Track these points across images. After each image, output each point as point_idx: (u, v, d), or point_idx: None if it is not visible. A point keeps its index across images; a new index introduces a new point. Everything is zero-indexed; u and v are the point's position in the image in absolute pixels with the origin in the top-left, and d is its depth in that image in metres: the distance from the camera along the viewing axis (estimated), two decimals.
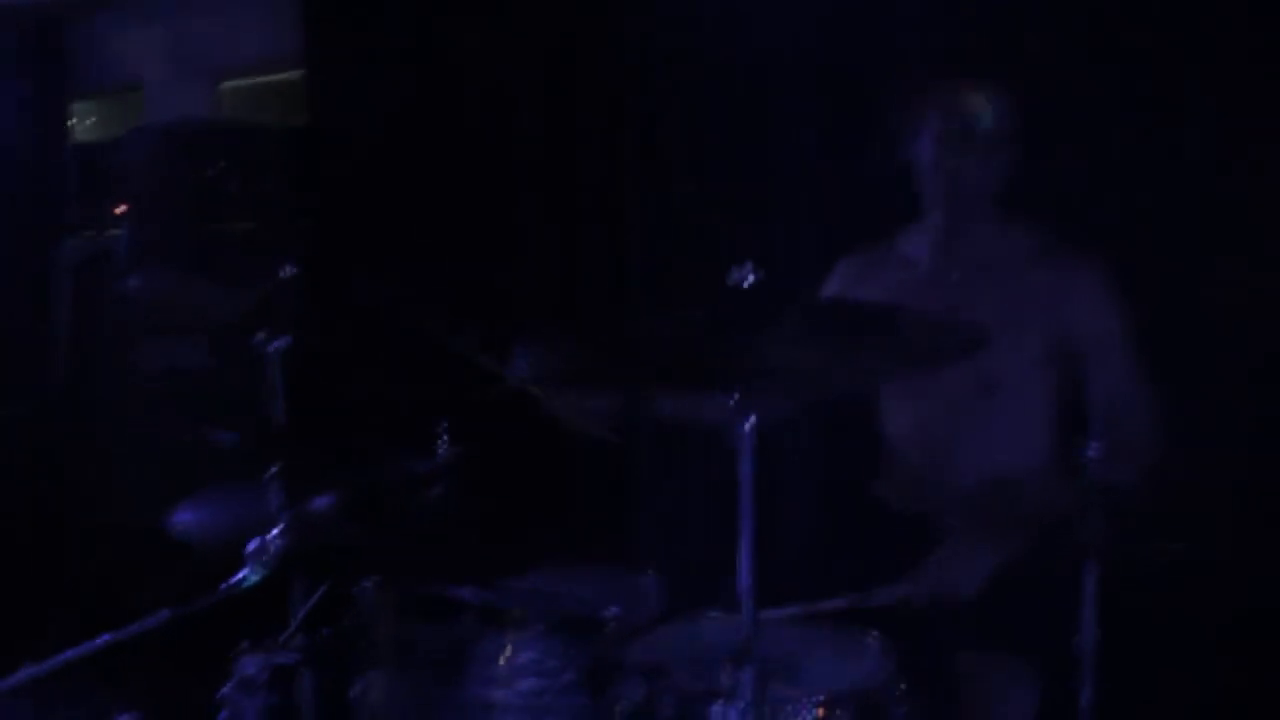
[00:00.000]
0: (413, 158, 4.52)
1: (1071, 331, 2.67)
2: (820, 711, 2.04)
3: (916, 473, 2.84)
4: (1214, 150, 3.03)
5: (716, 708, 1.96)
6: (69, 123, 6.06)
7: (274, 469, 2.59)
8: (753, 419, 1.82)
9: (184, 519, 2.65)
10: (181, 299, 4.57)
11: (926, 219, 2.84)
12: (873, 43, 3.44)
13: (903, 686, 2.14)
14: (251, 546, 2.34)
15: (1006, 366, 2.66)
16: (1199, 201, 3.04)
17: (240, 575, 2.29)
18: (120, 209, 4.92)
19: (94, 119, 6.50)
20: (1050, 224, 2.79)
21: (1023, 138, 2.73)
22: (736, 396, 1.83)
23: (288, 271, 2.93)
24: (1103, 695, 2.14)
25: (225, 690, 2.30)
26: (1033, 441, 2.72)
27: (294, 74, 5.13)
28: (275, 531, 2.36)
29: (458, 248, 4.39)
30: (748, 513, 1.88)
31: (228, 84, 5.81)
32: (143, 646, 2.23)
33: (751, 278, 1.86)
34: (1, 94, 5.65)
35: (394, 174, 4.54)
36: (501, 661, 2.02)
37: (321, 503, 2.61)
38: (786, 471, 3.46)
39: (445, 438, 2.70)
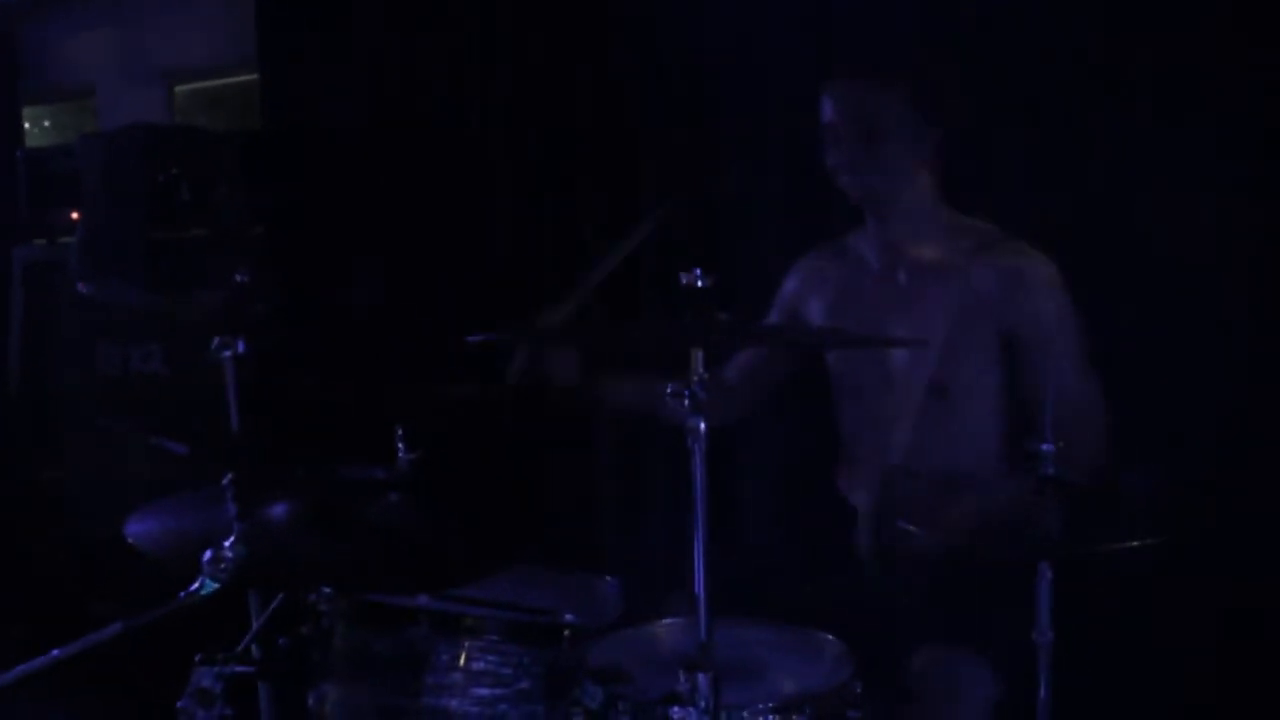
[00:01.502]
0: (367, 159, 4.50)
1: (1019, 325, 2.64)
2: (777, 715, 2.04)
3: (871, 471, 2.84)
4: (1163, 143, 3.03)
5: (675, 712, 1.97)
6: (21, 128, 6.01)
7: (229, 477, 2.56)
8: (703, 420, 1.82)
9: (137, 528, 2.62)
10: (133, 304, 4.56)
11: (867, 222, 2.84)
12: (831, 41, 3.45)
13: (859, 688, 2.15)
14: (206, 556, 2.32)
15: (957, 365, 2.68)
16: (1145, 194, 3.05)
17: (195, 585, 2.27)
18: (73, 215, 4.88)
19: (46, 124, 6.45)
20: (996, 220, 2.77)
21: (939, 129, 2.68)
22: (689, 393, 1.83)
23: (242, 277, 2.91)
24: (1059, 691, 2.14)
25: (181, 702, 2.28)
26: (985, 440, 2.73)
27: (248, 76, 5.12)
28: (230, 540, 2.34)
29: (414, 249, 4.38)
30: (701, 514, 1.88)
31: (181, 87, 5.78)
32: (96, 659, 2.21)
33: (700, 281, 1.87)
34: None
35: (349, 176, 4.53)
36: (457, 669, 2.01)
37: (277, 511, 2.59)
38: (745, 468, 3.48)
39: (403, 444, 2.68)
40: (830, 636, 2.27)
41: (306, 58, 4.72)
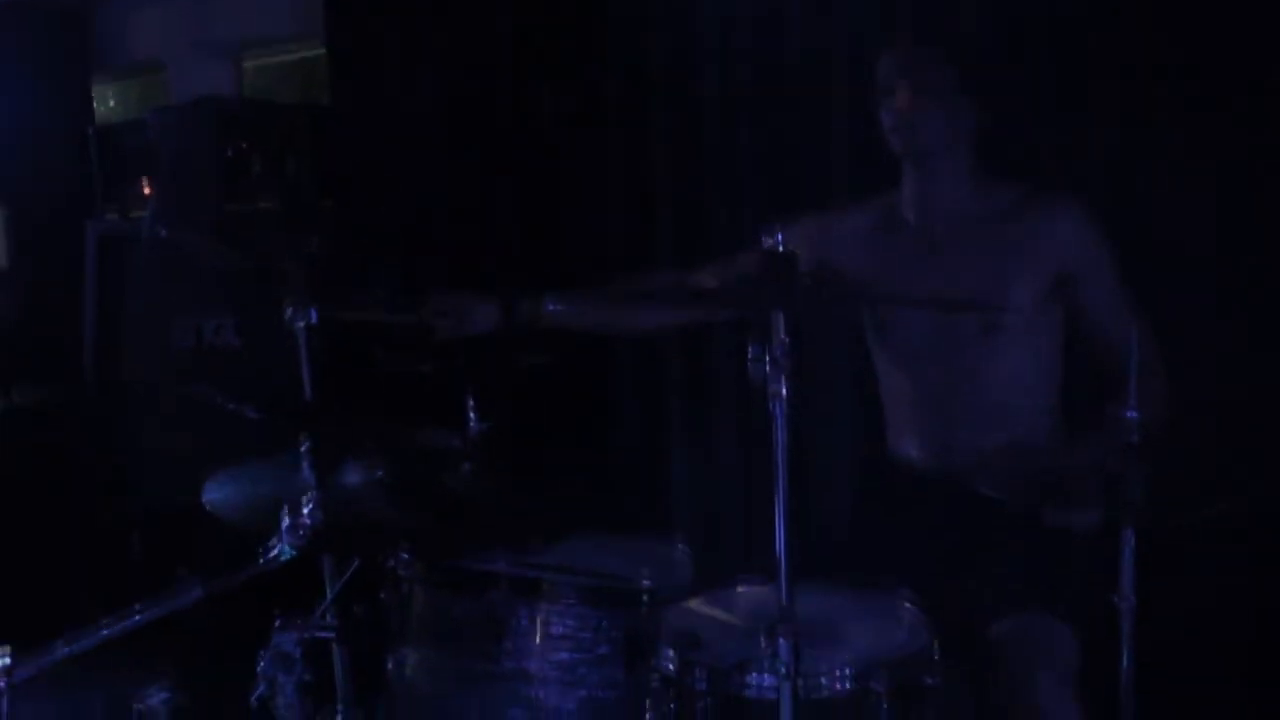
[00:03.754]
0: (435, 135, 4.51)
1: (1063, 264, 2.71)
2: (854, 679, 2.03)
3: (926, 428, 2.85)
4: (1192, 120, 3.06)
5: (752, 678, 1.96)
6: (92, 104, 6.07)
7: (305, 445, 2.59)
8: (785, 381, 1.81)
9: (216, 495, 2.65)
10: (207, 259, 4.60)
11: (904, 177, 2.87)
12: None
13: (937, 655, 2.13)
14: (284, 523, 2.35)
15: (1007, 306, 2.71)
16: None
17: (274, 551, 2.30)
18: (145, 189, 4.92)
19: (116, 101, 6.51)
20: (1029, 180, 2.84)
21: (981, 94, 2.77)
22: (772, 355, 1.82)
23: (313, 246, 2.93)
24: (1143, 657, 2.12)
25: (260, 666, 2.30)
26: (1041, 387, 2.77)
27: (316, 50, 5.13)
28: (308, 507, 2.37)
29: (483, 227, 4.40)
30: (782, 478, 1.87)
31: (250, 62, 5.81)
32: (177, 623, 2.24)
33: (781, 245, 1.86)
34: (25, 76, 5.65)
35: (418, 151, 4.54)
36: (536, 634, 2.01)
37: (353, 478, 2.61)
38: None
39: (475, 412, 2.69)
40: (908, 604, 2.26)
41: (373, 31, 4.72)
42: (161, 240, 4.63)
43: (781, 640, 1.89)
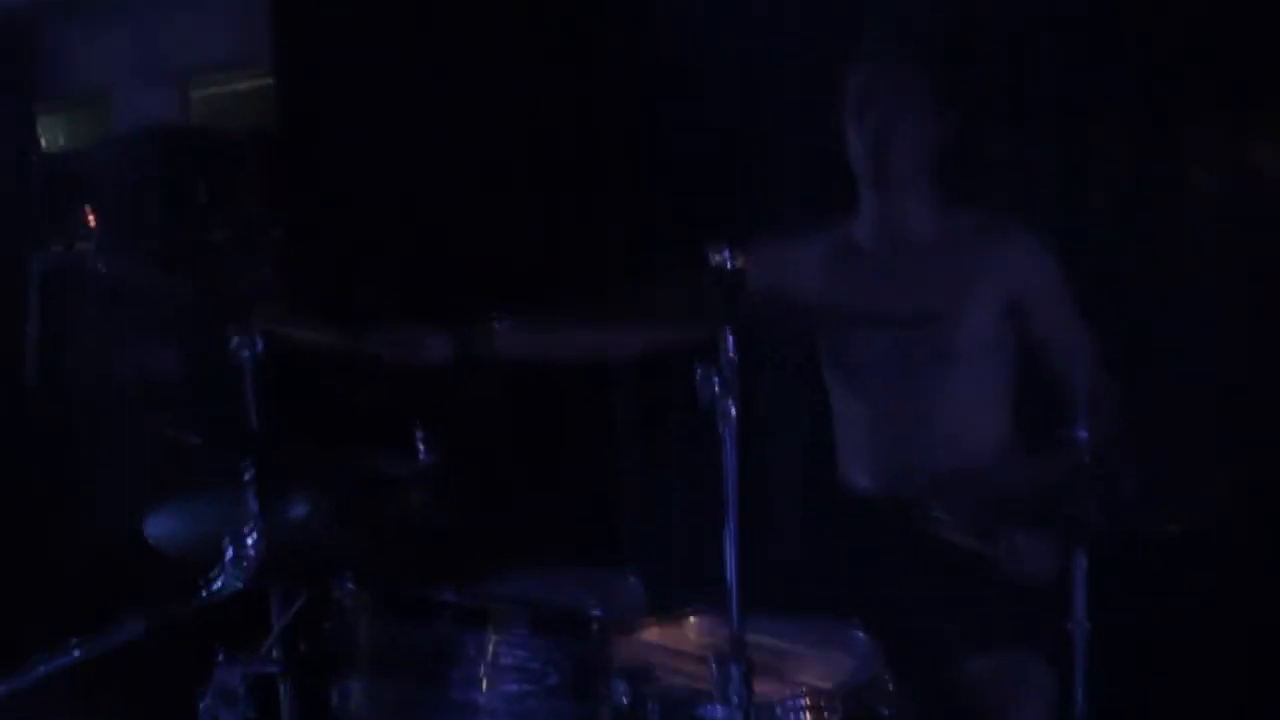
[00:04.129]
0: (384, 160, 4.48)
1: (1025, 288, 2.71)
2: (808, 710, 2.01)
3: (880, 455, 2.83)
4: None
5: (705, 709, 1.93)
6: (35, 133, 6.00)
7: (249, 474, 2.54)
8: (734, 402, 1.79)
9: (158, 527, 2.60)
10: (152, 291, 4.55)
11: (862, 203, 2.84)
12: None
13: (890, 684, 2.11)
14: (228, 554, 2.30)
15: (960, 339, 2.71)
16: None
17: (217, 584, 2.25)
18: (89, 218, 4.87)
19: (61, 129, 6.44)
20: (987, 204, 2.85)
21: (946, 113, 2.75)
22: (718, 376, 1.80)
23: (261, 273, 2.90)
24: (1100, 680, 2.11)
25: (204, 702, 2.25)
26: (993, 412, 2.76)
27: (263, 80, 5.09)
28: (251, 538, 2.32)
29: (430, 248, 4.36)
30: (732, 503, 1.85)
31: (197, 91, 5.77)
32: (119, 659, 2.19)
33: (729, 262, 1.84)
34: None
35: (365, 177, 4.51)
36: (484, 664, 1.98)
37: (298, 508, 2.57)
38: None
39: (423, 440, 2.66)
40: (859, 632, 2.24)
41: (322, 57, 4.69)
42: (104, 274, 4.59)
43: (734, 669, 1.86)
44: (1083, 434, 2.08)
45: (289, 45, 4.76)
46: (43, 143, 6.09)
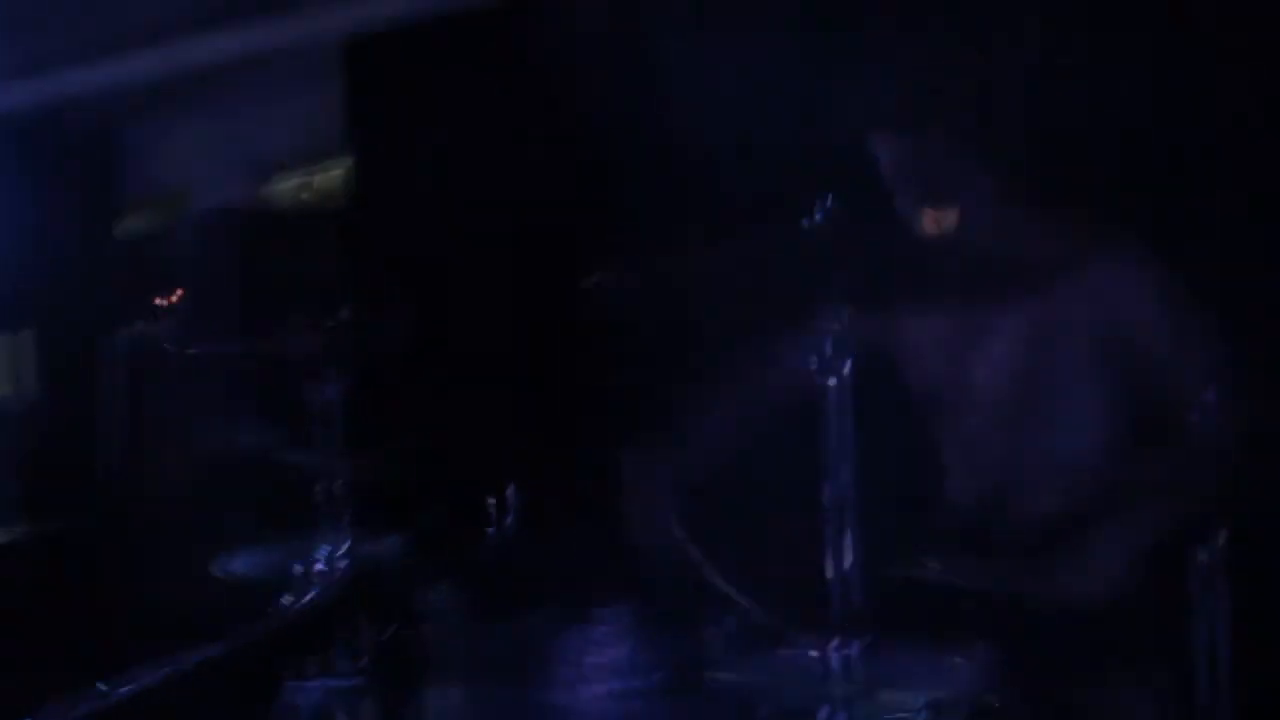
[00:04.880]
0: (462, 244, 4.51)
1: (1120, 324, 2.53)
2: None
3: (972, 493, 2.73)
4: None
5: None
6: (117, 224, 6.10)
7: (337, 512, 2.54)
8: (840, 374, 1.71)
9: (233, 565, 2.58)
10: (233, 367, 4.57)
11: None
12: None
13: (996, 701, 2.06)
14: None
15: (1055, 370, 2.58)
16: None
17: (303, 598, 2.22)
18: (172, 299, 4.92)
19: (142, 224, 6.55)
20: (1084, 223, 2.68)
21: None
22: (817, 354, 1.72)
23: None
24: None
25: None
26: (1083, 453, 2.60)
27: (341, 171, 5.17)
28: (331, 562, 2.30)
29: (505, 332, 4.36)
30: (847, 500, 1.78)
31: (276, 184, 5.85)
32: (199, 677, 2.15)
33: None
34: (51, 199, 5.69)
35: (444, 260, 4.54)
36: (581, 663, 1.91)
37: (386, 545, 2.56)
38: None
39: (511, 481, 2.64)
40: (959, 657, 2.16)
41: (397, 147, 4.76)
42: (186, 354, 4.62)
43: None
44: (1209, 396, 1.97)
45: (368, 129, 4.84)
46: (124, 233, 6.20)
